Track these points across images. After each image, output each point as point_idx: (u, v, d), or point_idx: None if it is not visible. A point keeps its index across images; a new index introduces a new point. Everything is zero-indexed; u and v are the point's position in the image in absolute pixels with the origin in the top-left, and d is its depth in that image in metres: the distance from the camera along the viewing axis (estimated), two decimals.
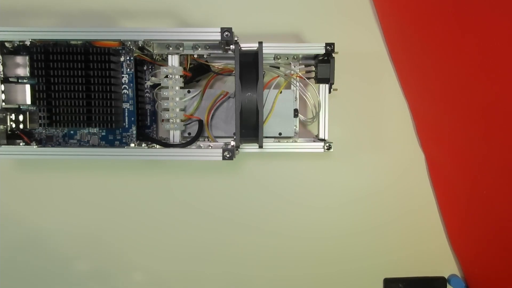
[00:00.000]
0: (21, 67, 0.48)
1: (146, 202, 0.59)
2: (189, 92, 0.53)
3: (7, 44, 0.47)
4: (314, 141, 0.53)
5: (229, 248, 0.60)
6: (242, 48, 0.48)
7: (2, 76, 0.48)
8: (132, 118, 0.51)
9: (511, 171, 0.43)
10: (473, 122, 0.47)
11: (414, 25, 0.53)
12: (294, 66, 0.54)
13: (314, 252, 0.61)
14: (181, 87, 0.50)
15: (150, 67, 0.55)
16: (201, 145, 0.52)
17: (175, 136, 0.52)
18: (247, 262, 0.61)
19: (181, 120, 0.51)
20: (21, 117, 0.50)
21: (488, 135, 0.45)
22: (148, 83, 0.54)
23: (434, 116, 0.55)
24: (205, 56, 0.52)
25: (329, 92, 0.53)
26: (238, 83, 0.45)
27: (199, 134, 0.52)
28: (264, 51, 0.46)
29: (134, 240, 0.60)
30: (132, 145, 0.50)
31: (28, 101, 0.48)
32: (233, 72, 0.50)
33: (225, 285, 0.61)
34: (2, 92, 0.48)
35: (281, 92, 0.53)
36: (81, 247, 0.60)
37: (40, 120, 0.48)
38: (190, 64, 0.53)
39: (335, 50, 0.50)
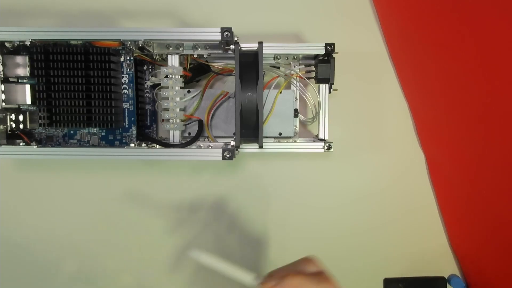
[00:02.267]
0: (21, 67, 0.48)
1: (146, 202, 0.59)
2: (189, 92, 0.53)
3: (7, 44, 0.47)
4: (314, 141, 0.53)
5: (229, 248, 0.60)
6: (242, 48, 0.48)
7: (2, 76, 0.48)
8: (132, 118, 0.51)
9: (511, 171, 0.43)
10: (473, 122, 0.47)
11: (414, 25, 0.53)
12: (294, 66, 0.54)
13: (314, 252, 0.61)
14: (181, 87, 0.50)
15: (150, 67, 0.55)
16: (201, 145, 0.52)
17: (175, 136, 0.52)
18: (247, 262, 0.61)
19: (181, 120, 0.51)
20: (21, 117, 0.50)
21: (487, 135, 0.45)
22: (148, 83, 0.54)
23: (434, 116, 0.55)
24: (205, 56, 0.52)
25: (329, 92, 0.53)
26: (238, 83, 0.45)
27: (199, 134, 0.52)
28: (264, 51, 0.46)
29: (134, 239, 0.60)
30: (132, 145, 0.50)
31: (28, 101, 0.48)
32: (233, 72, 0.50)
33: (224, 285, 0.61)
34: (2, 92, 0.48)
35: (281, 92, 0.53)
36: (81, 247, 0.60)
37: (40, 120, 0.48)
38: (190, 64, 0.53)
39: (335, 50, 0.50)
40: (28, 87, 0.48)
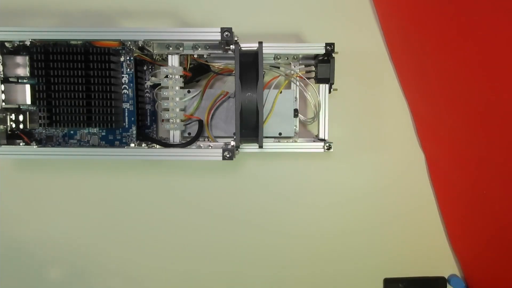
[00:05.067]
0: (21, 67, 0.48)
1: (146, 202, 0.59)
2: (189, 92, 0.53)
3: (7, 44, 0.47)
4: (314, 141, 0.53)
5: (229, 248, 0.60)
6: (242, 48, 0.48)
7: (2, 76, 0.48)
8: (132, 118, 0.51)
9: (511, 171, 0.43)
10: (473, 122, 0.47)
11: (414, 25, 0.53)
12: (294, 66, 0.54)
13: (314, 252, 0.61)
14: (181, 87, 0.50)
15: (150, 67, 0.55)
16: (201, 145, 0.52)
17: (175, 136, 0.52)
18: (247, 262, 0.61)
19: (181, 120, 0.51)
20: (21, 117, 0.50)
21: (488, 135, 0.45)
22: (148, 83, 0.54)
23: (434, 116, 0.55)
24: (205, 56, 0.52)
25: (329, 92, 0.53)
26: (238, 83, 0.45)
27: (199, 134, 0.52)
28: (264, 51, 0.46)
29: (135, 239, 0.60)
30: (132, 145, 0.50)
31: (28, 101, 0.48)
32: (233, 72, 0.50)
33: (225, 284, 0.61)
34: (2, 92, 0.48)
35: (281, 92, 0.53)
36: (82, 246, 0.60)
37: (40, 120, 0.48)
38: (190, 64, 0.53)
39: (335, 50, 0.50)
40: (28, 87, 0.48)
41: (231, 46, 0.47)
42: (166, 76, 0.50)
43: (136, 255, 0.60)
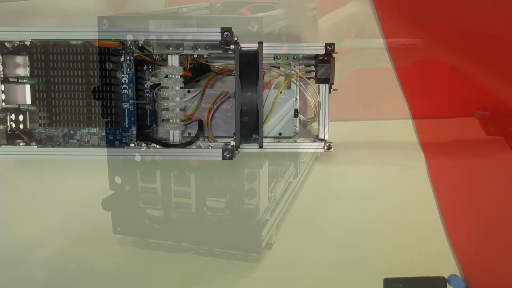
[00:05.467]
0: (21, 67, 0.48)
1: (145, 203, 0.59)
2: (189, 92, 0.53)
3: (7, 44, 0.47)
4: (314, 141, 0.53)
5: (227, 249, 0.60)
6: (242, 48, 0.48)
7: (2, 76, 0.48)
8: (132, 118, 0.51)
9: (511, 171, 0.43)
10: (473, 121, 0.47)
11: (414, 24, 0.53)
12: (294, 66, 0.54)
13: (313, 252, 0.61)
14: (181, 87, 0.50)
15: (150, 67, 0.54)
16: (201, 145, 0.52)
17: (175, 136, 0.52)
18: (246, 262, 0.61)
19: (181, 120, 0.51)
20: (21, 117, 0.49)
21: (487, 135, 0.46)
22: (148, 83, 0.54)
23: (434, 116, 0.55)
24: (205, 56, 0.52)
25: (329, 92, 0.52)
26: (238, 83, 0.45)
27: (199, 134, 0.52)
28: (264, 51, 0.46)
29: (134, 239, 0.60)
30: (132, 145, 0.50)
31: (28, 101, 0.48)
32: (233, 72, 0.50)
33: (224, 285, 0.61)
34: (2, 92, 0.48)
35: (281, 92, 0.53)
36: (81, 246, 0.60)
37: (40, 120, 0.48)
38: (190, 64, 0.53)
39: (335, 50, 0.50)
40: (28, 87, 0.48)
41: (231, 46, 0.47)
42: (166, 76, 0.50)
43: (136, 255, 0.60)
